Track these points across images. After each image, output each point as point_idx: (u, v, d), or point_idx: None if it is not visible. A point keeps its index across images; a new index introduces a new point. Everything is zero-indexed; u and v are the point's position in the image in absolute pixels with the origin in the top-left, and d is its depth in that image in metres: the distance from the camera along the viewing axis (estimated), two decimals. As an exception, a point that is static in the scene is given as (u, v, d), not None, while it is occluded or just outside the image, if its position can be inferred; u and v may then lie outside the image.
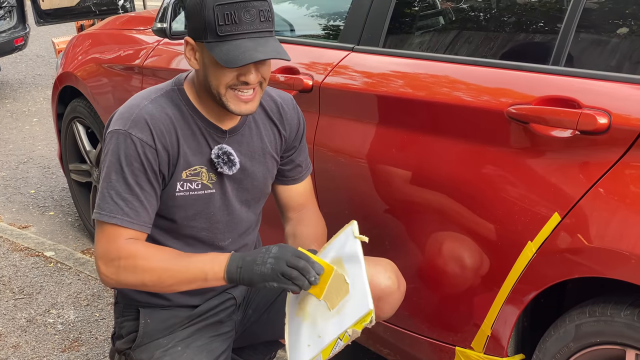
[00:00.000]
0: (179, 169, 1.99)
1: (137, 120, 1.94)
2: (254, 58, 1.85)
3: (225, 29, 1.85)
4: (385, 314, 2.12)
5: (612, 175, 1.78)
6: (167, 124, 1.97)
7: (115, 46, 3.64)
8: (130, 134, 1.92)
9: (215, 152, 2.03)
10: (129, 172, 1.92)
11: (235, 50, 1.85)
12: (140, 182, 1.94)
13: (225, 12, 1.84)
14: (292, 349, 1.90)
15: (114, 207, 1.93)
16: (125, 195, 1.93)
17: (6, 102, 7.05)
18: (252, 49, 1.86)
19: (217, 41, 1.86)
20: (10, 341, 3.03)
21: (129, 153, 1.92)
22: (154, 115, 1.96)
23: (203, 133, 2.02)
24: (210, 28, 1.86)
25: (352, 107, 2.42)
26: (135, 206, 1.94)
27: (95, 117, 3.68)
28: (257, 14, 1.88)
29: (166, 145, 1.96)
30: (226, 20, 1.85)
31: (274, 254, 1.87)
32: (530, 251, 1.92)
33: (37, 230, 4.28)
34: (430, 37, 2.57)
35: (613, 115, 1.77)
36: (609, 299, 1.86)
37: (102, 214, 1.94)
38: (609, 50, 1.98)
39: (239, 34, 1.86)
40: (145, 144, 1.93)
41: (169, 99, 2.01)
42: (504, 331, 2.06)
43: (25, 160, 5.44)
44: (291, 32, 3.15)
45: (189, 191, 2.02)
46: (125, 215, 1.93)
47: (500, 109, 1.97)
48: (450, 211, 2.13)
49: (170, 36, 2.95)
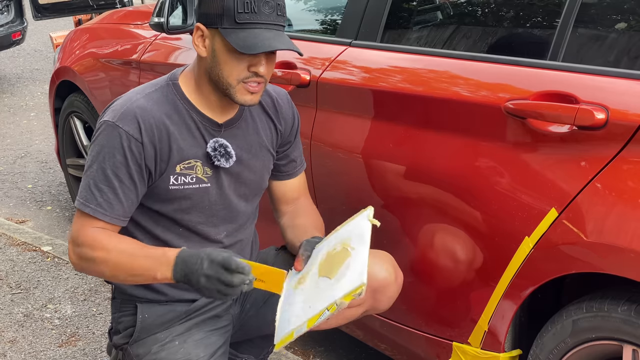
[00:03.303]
0: (171, 163, 1.99)
1: (127, 113, 1.95)
2: (272, 46, 1.88)
3: (244, 17, 1.87)
4: (382, 306, 2.12)
5: (609, 170, 1.78)
6: (158, 119, 1.97)
7: (112, 41, 3.64)
8: (117, 126, 1.93)
9: (212, 145, 2.03)
10: (110, 164, 1.94)
11: (253, 39, 1.87)
12: (120, 175, 1.94)
13: (245, 1, 1.87)
14: (280, 319, 1.90)
15: (89, 196, 1.96)
16: (101, 186, 1.95)
17: (4, 97, 7.03)
18: (269, 38, 1.89)
19: (235, 28, 1.88)
20: (7, 336, 3.03)
21: (113, 145, 1.93)
22: (145, 108, 1.96)
23: (198, 127, 2.02)
24: (228, 14, 1.87)
25: (350, 102, 2.42)
26: (110, 198, 1.95)
27: (93, 111, 3.67)
28: (275, 7, 1.91)
29: (154, 140, 1.96)
30: (245, 9, 1.87)
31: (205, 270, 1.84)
32: (527, 246, 1.92)
33: (35, 225, 4.27)
34: (428, 32, 2.56)
35: (611, 111, 1.76)
36: (606, 295, 1.86)
37: (78, 201, 1.98)
38: (607, 45, 1.97)
39: (257, 24, 1.88)
40: (132, 137, 1.93)
41: (163, 93, 2.02)
42: (501, 326, 2.06)
43: (23, 155, 5.44)
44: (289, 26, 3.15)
45: (183, 185, 2.02)
46: (98, 206, 1.95)
47: (497, 104, 1.96)
48: (447, 206, 2.12)
49: (168, 31, 2.94)
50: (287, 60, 2.55)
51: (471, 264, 2.10)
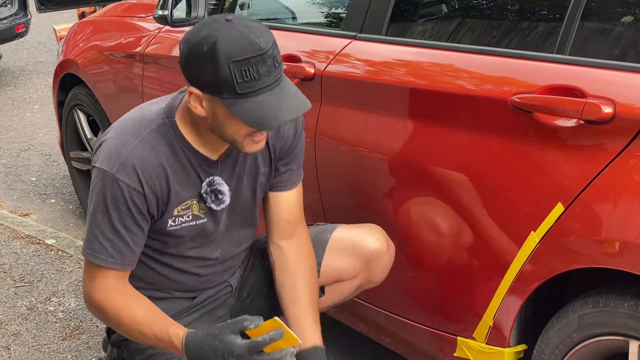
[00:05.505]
0: (170, 207, 1.97)
1: (125, 165, 1.88)
2: (284, 119, 1.79)
3: (245, 86, 1.75)
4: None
5: (616, 165, 1.77)
6: (157, 167, 1.91)
7: (116, 33, 3.63)
8: (117, 178, 1.87)
9: (205, 189, 1.99)
10: (115, 215, 1.90)
11: (260, 110, 1.77)
12: (127, 225, 1.92)
13: (242, 69, 1.73)
14: None
15: (98, 247, 1.93)
16: (110, 236, 1.92)
17: (7, 90, 7.03)
18: (276, 105, 1.78)
19: (237, 98, 1.76)
20: (11, 329, 3.03)
21: (115, 197, 1.89)
22: (143, 158, 1.90)
23: (194, 166, 1.97)
24: (227, 86, 1.75)
25: (354, 95, 2.40)
26: (120, 247, 1.93)
27: (97, 104, 3.66)
28: (272, 62, 1.77)
29: (155, 189, 1.92)
30: (245, 77, 1.74)
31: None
32: (533, 241, 1.91)
33: (38, 218, 4.27)
34: (433, 25, 2.55)
35: (618, 105, 1.75)
36: (612, 290, 1.85)
37: (87, 252, 1.96)
38: (615, 38, 1.96)
39: (259, 89, 1.76)
40: (133, 189, 1.89)
41: (161, 134, 1.93)
42: (506, 321, 2.05)
43: (27, 148, 5.43)
44: (293, 19, 3.13)
45: (181, 224, 2.01)
46: (109, 256, 1.93)
47: (504, 98, 1.95)
48: (452, 201, 2.11)
49: (172, 23, 2.93)
50: (291, 53, 2.54)
51: (477, 258, 2.09)
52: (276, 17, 3.24)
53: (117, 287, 1.96)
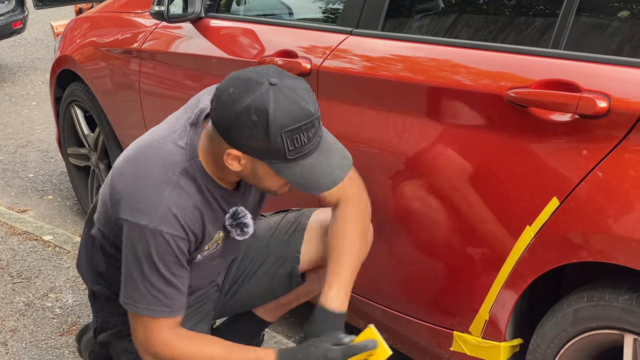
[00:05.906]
0: (203, 244, 1.99)
1: (166, 216, 1.85)
2: (336, 180, 1.82)
3: (296, 152, 1.74)
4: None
5: (611, 159, 1.77)
6: (194, 210, 1.91)
7: (113, 29, 3.62)
8: (160, 231, 1.85)
9: (230, 222, 2.01)
10: (163, 266, 1.88)
11: (311, 173, 1.78)
12: (175, 272, 1.91)
13: (294, 137, 1.72)
14: None
15: (152, 300, 1.91)
16: (161, 287, 1.90)
17: (5, 86, 7.02)
18: (325, 164, 1.79)
19: (286, 163, 1.76)
20: (9, 325, 3.03)
21: (161, 249, 1.87)
22: (181, 206, 1.88)
23: (218, 200, 1.96)
24: (278, 154, 1.74)
25: (351, 91, 2.41)
26: (173, 295, 1.92)
27: (94, 100, 3.66)
28: (318, 123, 1.78)
29: (196, 232, 1.93)
30: (296, 144, 1.73)
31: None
32: (528, 236, 1.92)
33: (36, 214, 4.27)
34: (429, 20, 2.55)
35: (613, 99, 1.75)
36: (607, 284, 1.86)
37: (139, 307, 1.92)
38: (610, 33, 1.96)
39: (308, 152, 1.77)
40: (178, 237, 1.88)
41: (190, 178, 1.90)
42: (502, 316, 2.06)
43: (24, 144, 5.43)
44: (289, 15, 3.13)
45: (204, 255, 2.03)
46: (165, 307, 1.92)
47: (499, 93, 1.95)
48: (448, 195, 2.12)
49: (168, 19, 2.93)
50: (287, 49, 2.54)
51: (472, 253, 2.10)
52: (272, 12, 3.24)
53: (177, 334, 1.96)
